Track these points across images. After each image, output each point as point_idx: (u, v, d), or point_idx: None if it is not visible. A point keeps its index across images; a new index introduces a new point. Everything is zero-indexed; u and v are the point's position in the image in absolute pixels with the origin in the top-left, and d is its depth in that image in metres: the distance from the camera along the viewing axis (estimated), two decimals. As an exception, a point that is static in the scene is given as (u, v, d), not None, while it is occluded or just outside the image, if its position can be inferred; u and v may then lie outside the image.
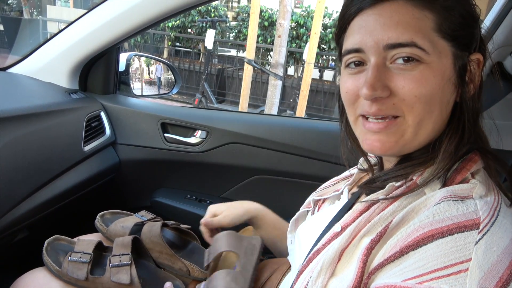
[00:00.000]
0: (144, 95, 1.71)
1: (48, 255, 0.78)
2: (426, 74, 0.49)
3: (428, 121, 0.51)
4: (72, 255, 0.75)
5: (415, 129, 0.51)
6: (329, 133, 1.30)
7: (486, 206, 0.45)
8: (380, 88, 0.50)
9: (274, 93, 4.73)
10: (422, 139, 0.53)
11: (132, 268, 0.73)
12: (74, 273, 0.73)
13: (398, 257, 0.45)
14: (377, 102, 0.51)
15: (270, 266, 0.84)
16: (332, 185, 0.78)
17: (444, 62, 0.50)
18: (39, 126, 0.96)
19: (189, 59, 7.08)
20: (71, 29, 1.18)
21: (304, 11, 6.87)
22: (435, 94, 0.50)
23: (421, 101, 0.49)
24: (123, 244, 0.77)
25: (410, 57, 0.49)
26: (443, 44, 0.50)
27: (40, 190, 0.93)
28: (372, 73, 0.50)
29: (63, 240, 0.84)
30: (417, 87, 0.49)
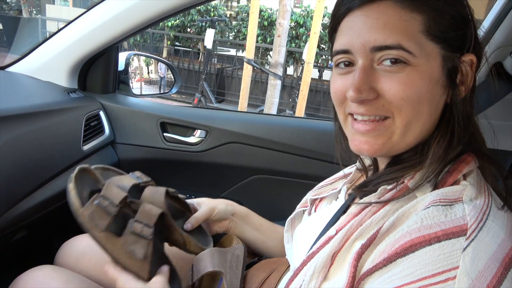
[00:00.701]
0: (144, 94, 1.71)
1: (75, 183, 0.67)
2: (412, 77, 0.49)
3: (417, 123, 0.51)
4: (100, 200, 0.64)
5: (402, 130, 0.51)
6: (329, 133, 1.29)
7: (475, 211, 0.45)
8: (366, 91, 0.50)
9: (273, 92, 4.73)
10: (410, 141, 0.53)
11: (150, 245, 0.64)
12: (94, 220, 0.62)
13: (386, 264, 0.44)
14: (364, 104, 0.51)
15: (268, 266, 0.84)
16: (329, 183, 0.78)
17: (432, 64, 0.50)
18: (38, 125, 0.96)
19: (188, 59, 7.08)
20: (70, 28, 1.18)
21: (303, 11, 6.87)
22: (423, 96, 0.49)
23: (409, 104, 0.49)
24: (150, 214, 0.67)
25: (397, 59, 0.49)
26: (431, 46, 0.49)
27: (39, 189, 0.93)
28: (358, 75, 0.50)
29: (91, 173, 0.73)
30: (403, 90, 0.49)
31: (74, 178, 0.67)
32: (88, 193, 0.69)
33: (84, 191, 0.69)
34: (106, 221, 0.63)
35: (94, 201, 0.64)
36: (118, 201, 0.65)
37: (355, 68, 0.52)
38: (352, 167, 0.75)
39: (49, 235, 1.24)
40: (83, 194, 0.68)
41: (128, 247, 0.63)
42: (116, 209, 0.64)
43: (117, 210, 0.64)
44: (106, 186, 0.68)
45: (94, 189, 0.70)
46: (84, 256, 0.90)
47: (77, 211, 0.64)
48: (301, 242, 0.70)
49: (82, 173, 0.70)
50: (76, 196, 0.65)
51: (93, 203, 0.63)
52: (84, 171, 0.71)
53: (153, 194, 0.74)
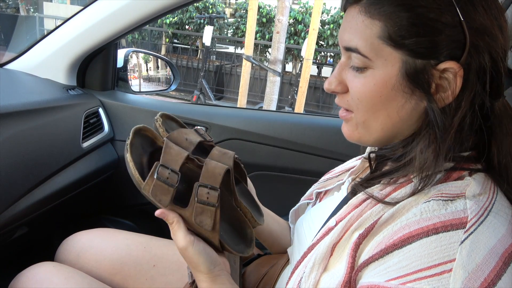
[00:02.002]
0: (143, 91, 1.71)
1: (131, 152, 0.60)
2: (368, 81, 0.51)
3: (374, 122, 0.53)
4: (160, 171, 0.58)
5: (363, 126, 0.55)
6: (328, 129, 1.30)
7: (476, 205, 0.44)
8: (334, 84, 0.55)
9: (272, 89, 4.73)
10: (376, 136, 0.55)
11: (217, 212, 0.59)
12: (157, 196, 0.57)
13: (383, 256, 0.44)
14: (337, 96, 0.57)
15: (268, 261, 0.85)
16: (335, 176, 0.77)
17: (389, 69, 0.49)
18: (37, 122, 0.96)
19: (187, 56, 7.06)
20: (69, 25, 1.17)
21: (302, 7, 6.85)
22: (375, 100, 0.51)
23: (363, 105, 0.53)
24: (214, 173, 0.62)
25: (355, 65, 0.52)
26: (389, 51, 0.49)
27: (38, 187, 0.93)
28: (335, 70, 0.56)
29: (148, 132, 0.66)
30: (359, 92, 0.52)
31: (130, 146, 0.61)
32: (148, 156, 0.64)
33: (144, 156, 0.63)
34: (169, 196, 0.58)
35: (154, 173, 0.58)
36: (179, 165, 0.60)
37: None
38: (358, 158, 0.74)
39: (49, 232, 1.24)
40: (143, 160, 0.63)
41: (196, 218, 0.59)
42: (177, 177, 0.59)
43: (178, 178, 0.59)
44: (165, 147, 0.61)
45: (154, 149, 0.65)
46: (85, 253, 0.90)
47: (139, 185, 0.59)
48: (302, 234, 0.70)
49: (138, 136, 0.64)
50: (135, 168, 0.59)
51: (153, 176, 0.57)
52: (139, 132, 0.65)
53: (221, 156, 0.69)
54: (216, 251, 0.62)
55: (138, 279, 0.87)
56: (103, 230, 0.98)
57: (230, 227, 0.66)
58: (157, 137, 0.67)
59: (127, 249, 0.90)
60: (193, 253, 0.58)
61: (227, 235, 0.65)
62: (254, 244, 0.67)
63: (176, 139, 0.67)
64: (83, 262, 0.90)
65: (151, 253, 0.90)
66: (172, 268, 0.88)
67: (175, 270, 0.88)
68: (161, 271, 0.88)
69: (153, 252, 0.91)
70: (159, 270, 0.88)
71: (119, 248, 0.91)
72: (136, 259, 0.89)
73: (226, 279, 0.60)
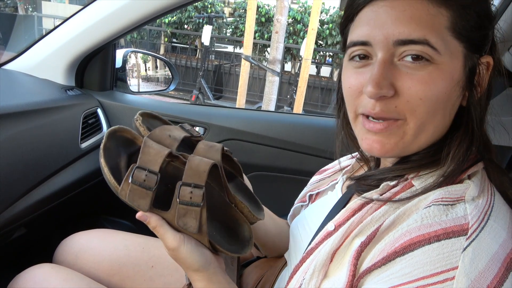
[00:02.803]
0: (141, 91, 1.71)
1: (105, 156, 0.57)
2: (434, 76, 0.46)
3: (430, 125, 0.49)
4: (135, 174, 0.54)
5: (415, 131, 0.49)
6: (327, 129, 1.30)
7: (476, 210, 0.44)
8: (386, 87, 0.47)
9: (271, 89, 4.73)
10: (422, 142, 0.51)
11: (203, 212, 0.55)
12: (134, 201, 0.54)
13: (385, 263, 0.44)
14: (380, 101, 0.48)
15: (266, 263, 0.84)
16: (327, 176, 0.77)
17: (455, 63, 0.47)
18: (36, 123, 0.95)
19: (186, 55, 7.05)
20: (67, 25, 1.17)
21: (301, 7, 6.84)
22: (441, 97, 0.47)
23: (425, 104, 0.47)
24: (198, 171, 0.57)
25: (420, 56, 0.46)
26: (455, 44, 0.47)
27: (37, 188, 0.93)
28: (378, 69, 0.47)
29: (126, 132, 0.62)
30: (423, 89, 0.46)
31: (103, 149, 0.57)
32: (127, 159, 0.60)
33: (122, 159, 0.59)
34: (148, 199, 0.54)
35: (128, 177, 0.54)
36: (159, 165, 0.56)
37: (373, 61, 0.49)
38: (352, 157, 0.74)
39: (48, 233, 1.24)
40: (121, 163, 0.58)
41: (178, 221, 0.55)
42: (156, 178, 0.54)
43: (157, 178, 0.55)
44: (143, 147, 0.57)
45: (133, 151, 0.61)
46: (83, 253, 0.90)
47: (116, 190, 0.55)
48: (298, 237, 0.69)
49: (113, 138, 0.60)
50: (109, 173, 0.55)
51: (128, 180, 0.54)
52: (114, 134, 0.60)
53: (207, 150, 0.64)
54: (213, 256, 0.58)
55: (136, 280, 0.87)
56: (102, 230, 0.97)
57: (223, 226, 0.63)
58: (136, 138, 0.63)
59: (125, 250, 0.90)
60: (185, 253, 0.54)
61: (220, 234, 0.61)
62: (252, 242, 0.62)
63: (157, 136, 0.63)
64: (82, 263, 0.90)
65: (150, 253, 0.90)
66: (170, 268, 0.88)
67: (173, 270, 0.88)
68: (159, 272, 0.88)
69: (152, 253, 0.91)
70: (157, 271, 0.88)
71: (117, 249, 0.91)
72: (135, 260, 0.89)
73: (222, 277, 0.58)
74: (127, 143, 0.62)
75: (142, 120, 0.69)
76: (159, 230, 0.54)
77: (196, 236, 0.56)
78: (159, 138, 0.63)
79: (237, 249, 0.61)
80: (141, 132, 0.68)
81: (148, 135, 0.62)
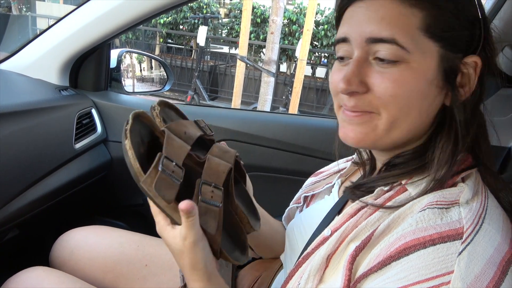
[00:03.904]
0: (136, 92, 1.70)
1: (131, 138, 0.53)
2: (405, 75, 0.48)
3: (403, 122, 0.50)
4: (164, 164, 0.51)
5: (388, 126, 0.50)
6: (322, 129, 1.30)
7: (471, 214, 0.44)
8: (355, 84, 0.50)
9: (267, 90, 4.73)
10: (396, 138, 0.52)
11: (220, 213, 0.54)
12: (161, 191, 0.50)
13: (381, 267, 0.44)
14: (353, 96, 0.51)
15: (261, 265, 0.84)
16: (323, 179, 0.77)
17: (428, 62, 0.48)
18: (29, 123, 0.95)
19: (181, 56, 7.04)
20: (61, 24, 1.16)
21: (296, 8, 6.85)
22: (413, 96, 0.48)
23: (396, 102, 0.48)
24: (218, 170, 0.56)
25: (388, 58, 0.48)
26: (428, 44, 0.48)
27: (30, 188, 0.92)
28: (351, 68, 0.50)
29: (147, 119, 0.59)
30: (393, 87, 0.48)
31: (129, 132, 0.53)
32: (146, 146, 0.57)
33: (142, 145, 0.56)
34: (174, 191, 0.51)
35: (158, 165, 0.50)
36: (182, 159, 0.54)
37: (350, 61, 0.52)
38: (348, 160, 0.74)
39: (41, 234, 1.23)
40: (141, 149, 0.55)
41: (200, 219, 0.52)
42: (181, 172, 0.52)
43: (182, 172, 0.52)
44: (167, 138, 0.55)
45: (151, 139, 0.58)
46: (79, 249, 0.90)
47: (138, 177, 0.52)
48: (294, 241, 0.69)
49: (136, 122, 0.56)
50: (134, 157, 0.52)
51: (157, 168, 0.50)
52: (138, 118, 0.57)
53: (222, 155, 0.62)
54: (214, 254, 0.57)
55: (130, 278, 0.87)
56: (98, 227, 0.97)
57: (224, 233, 0.61)
58: (155, 126, 0.60)
59: (120, 248, 0.90)
60: (199, 249, 0.52)
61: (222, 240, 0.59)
62: (248, 251, 0.62)
63: (174, 131, 0.60)
64: (77, 259, 0.89)
65: (144, 252, 0.90)
66: (164, 267, 0.88)
67: (167, 269, 0.87)
68: (153, 271, 0.88)
69: (146, 251, 0.90)
70: (151, 270, 0.88)
71: (112, 246, 0.90)
72: (129, 257, 0.89)
73: (220, 277, 0.58)
74: (147, 130, 0.59)
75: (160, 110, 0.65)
76: (193, 220, 0.51)
77: (211, 236, 0.54)
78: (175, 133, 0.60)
79: (237, 257, 0.60)
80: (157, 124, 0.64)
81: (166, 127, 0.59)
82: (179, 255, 0.54)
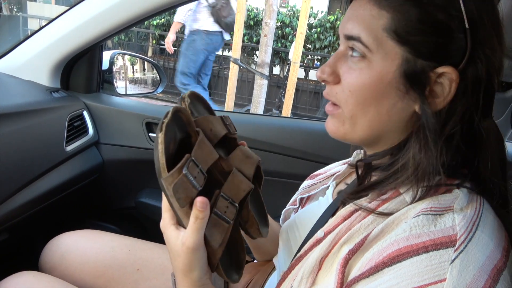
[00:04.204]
0: (128, 94, 1.69)
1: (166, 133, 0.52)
2: (363, 72, 0.50)
3: (362, 119, 0.52)
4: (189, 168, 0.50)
5: (350, 121, 0.53)
6: (315, 132, 1.30)
7: (465, 221, 0.44)
8: (327, 73, 0.53)
9: (260, 92, 4.73)
10: (361, 134, 0.54)
11: (228, 231, 0.53)
12: (178, 193, 0.49)
13: (373, 273, 0.44)
14: (328, 86, 0.55)
15: (254, 268, 0.84)
16: (319, 181, 0.77)
17: (387, 64, 0.48)
18: (20, 125, 0.94)
19: (174, 58, 7.02)
20: (53, 26, 1.15)
21: (289, 11, 6.88)
22: (367, 95, 0.50)
23: (353, 97, 0.51)
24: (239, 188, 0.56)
25: (355, 53, 0.51)
26: (392, 45, 0.48)
27: (20, 192, 0.91)
28: (330, 59, 0.55)
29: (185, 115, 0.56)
30: (352, 83, 0.51)
31: (166, 125, 0.52)
32: (178, 142, 0.56)
33: (173, 142, 0.55)
34: (190, 197, 0.50)
35: (183, 166, 0.49)
36: (208, 166, 0.53)
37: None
38: (345, 163, 0.74)
39: (31, 239, 1.21)
40: (171, 146, 0.54)
41: (206, 229, 0.52)
42: (204, 180, 0.51)
43: (204, 179, 0.52)
44: (200, 141, 0.54)
45: (184, 136, 0.57)
46: (69, 254, 0.89)
47: (162, 173, 0.51)
48: (287, 242, 0.69)
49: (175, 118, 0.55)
50: (163, 152, 0.51)
51: (181, 169, 0.49)
52: (177, 113, 0.55)
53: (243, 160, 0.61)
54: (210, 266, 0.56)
55: (122, 283, 0.86)
56: (89, 231, 0.96)
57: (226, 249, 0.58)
58: (191, 123, 0.57)
59: (111, 252, 0.89)
60: (196, 257, 0.52)
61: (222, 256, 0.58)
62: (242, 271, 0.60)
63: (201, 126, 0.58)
64: (67, 264, 0.88)
65: (136, 256, 0.89)
66: (156, 272, 0.87)
67: (159, 274, 0.87)
68: (145, 275, 0.87)
69: (138, 255, 0.89)
70: (143, 274, 0.87)
71: (104, 250, 0.90)
72: (121, 262, 0.88)
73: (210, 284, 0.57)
74: (182, 127, 0.57)
75: (190, 103, 0.63)
76: (200, 223, 0.50)
77: (212, 250, 0.53)
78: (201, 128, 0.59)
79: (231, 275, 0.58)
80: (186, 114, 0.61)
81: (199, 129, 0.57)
82: (175, 257, 0.54)
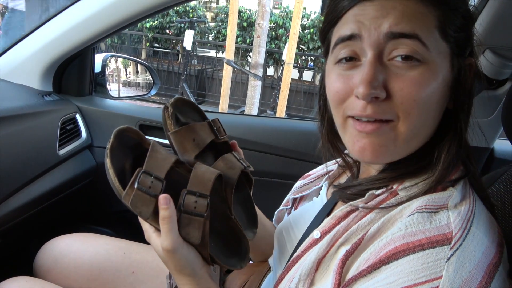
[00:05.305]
0: (121, 96, 1.68)
1: (111, 157, 0.53)
2: (426, 76, 0.45)
3: (422, 128, 0.48)
4: (142, 179, 0.51)
5: (408, 135, 0.47)
6: (309, 132, 1.30)
7: (459, 218, 0.44)
8: (379, 87, 0.45)
9: (254, 93, 4.73)
10: (413, 147, 0.49)
11: (206, 223, 0.53)
12: (137, 208, 0.51)
13: (370, 272, 0.44)
14: (373, 103, 0.46)
15: (249, 269, 0.84)
16: (311, 181, 0.77)
17: (444, 63, 0.47)
18: (12, 129, 0.93)
19: (167, 60, 7.00)
20: (44, 28, 1.15)
21: (282, 12, 6.89)
22: (433, 98, 0.46)
23: (419, 106, 0.45)
24: (203, 179, 0.55)
25: (410, 56, 0.45)
26: (443, 44, 0.47)
27: (13, 196, 0.90)
28: (369, 69, 0.45)
29: (133, 133, 0.58)
30: (417, 90, 0.45)
31: (110, 150, 0.53)
32: (132, 161, 0.57)
33: (127, 161, 0.56)
34: (150, 207, 0.51)
35: (134, 182, 0.51)
36: (165, 171, 0.53)
37: (362, 62, 0.48)
38: (336, 162, 0.74)
39: (25, 243, 1.20)
40: (126, 165, 0.55)
41: (181, 230, 0.52)
42: (161, 185, 0.52)
43: (162, 186, 0.52)
44: (150, 151, 0.55)
45: (139, 153, 0.57)
46: (63, 257, 0.89)
47: (119, 194, 0.53)
48: (283, 243, 0.69)
49: (120, 138, 0.56)
50: (115, 176, 0.53)
51: (133, 185, 0.51)
52: (121, 134, 0.56)
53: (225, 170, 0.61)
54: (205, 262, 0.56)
55: (116, 286, 0.85)
56: (83, 234, 0.96)
57: (222, 238, 0.60)
58: (143, 139, 0.59)
59: (106, 255, 0.89)
60: (181, 256, 0.52)
61: (218, 247, 0.59)
62: (248, 256, 0.60)
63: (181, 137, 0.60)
64: (61, 268, 0.88)
65: (131, 258, 0.89)
66: (151, 274, 0.87)
67: (154, 276, 0.86)
68: (140, 278, 0.86)
69: (133, 258, 0.89)
70: (137, 277, 0.86)
71: (98, 253, 0.89)
72: (115, 265, 0.88)
73: (211, 282, 0.57)
74: (134, 144, 0.59)
75: (172, 113, 0.63)
76: (168, 224, 0.50)
77: (197, 247, 0.54)
78: (182, 139, 0.60)
79: (234, 263, 0.59)
80: (167, 126, 0.64)
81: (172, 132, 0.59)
82: (164, 261, 0.55)
